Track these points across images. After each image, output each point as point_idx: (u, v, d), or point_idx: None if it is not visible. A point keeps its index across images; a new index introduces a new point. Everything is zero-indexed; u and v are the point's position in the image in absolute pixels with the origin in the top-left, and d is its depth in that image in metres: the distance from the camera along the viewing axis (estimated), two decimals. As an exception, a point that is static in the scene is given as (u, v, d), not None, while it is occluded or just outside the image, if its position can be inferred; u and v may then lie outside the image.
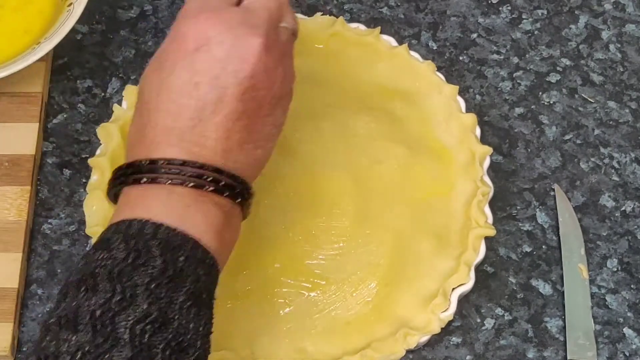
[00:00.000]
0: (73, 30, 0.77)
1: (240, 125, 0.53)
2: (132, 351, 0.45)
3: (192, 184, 0.51)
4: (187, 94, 0.52)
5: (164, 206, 0.51)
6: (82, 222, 0.70)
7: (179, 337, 0.47)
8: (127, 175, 0.53)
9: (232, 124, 0.53)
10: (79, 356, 0.45)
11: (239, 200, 0.53)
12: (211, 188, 0.51)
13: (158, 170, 0.51)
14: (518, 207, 0.72)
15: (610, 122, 0.76)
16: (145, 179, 0.51)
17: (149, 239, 0.49)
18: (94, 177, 0.70)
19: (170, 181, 0.51)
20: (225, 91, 0.52)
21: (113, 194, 0.55)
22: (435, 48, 0.79)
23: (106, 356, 0.45)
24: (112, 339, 0.46)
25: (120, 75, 0.78)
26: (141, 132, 0.54)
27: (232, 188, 0.53)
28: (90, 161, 0.70)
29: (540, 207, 0.72)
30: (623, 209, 0.73)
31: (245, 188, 0.54)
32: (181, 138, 0.52)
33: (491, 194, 0.70)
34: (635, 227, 0.72)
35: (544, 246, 0.71)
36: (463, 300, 0.67)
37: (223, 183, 0.52)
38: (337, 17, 0.77)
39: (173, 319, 0.47)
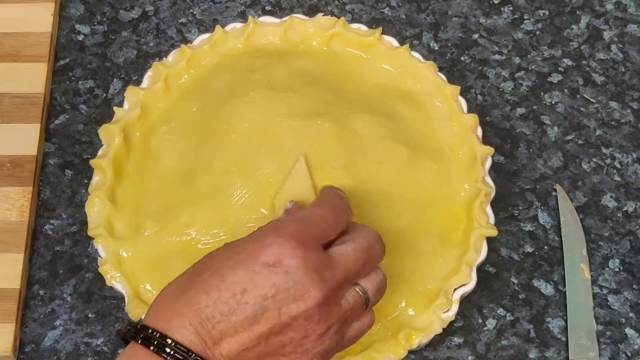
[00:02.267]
0: (75, 31, 0.78)
1: (258, 349, 0.54)
2: None
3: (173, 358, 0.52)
4: (232, 293, 0.53)
5: None
6: (83, 223, 0.70)
7: None
8: (137, 335, 0.54)
9: (251, 343, 0.54)
10: None
11: None
12: None
13: (166, 346, 0.52)
14: (520, 208, 0.72)
15: (612, 123, 0.76)
16: (152, 347, 0.53)
17: None
18: (95, 178, 0.70)
19: (157, 351, 0.52)
20: (264, 314, 0.53)
21: (121, 336, 0.56)
22: (436, 48, 0.79)
23: None
24: None
25: (121, 76, 0.78)
26: (176, 296, 0.55)
27: None
28: (92, 162, 0.70)
29: (542, 207, 0.72)
30: (625, 209, 0.72)
31: None
32: (203, 325, 0.53)
33: (493, 194, 0.70)
34: (637, 227, 0.72)
35: (545, 246, 0.71)
36: (465, 300, 0.67)
37: None
38: (338, 18, 0.77)
39: None
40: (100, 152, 0.71)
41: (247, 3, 0.82)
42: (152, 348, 0.52)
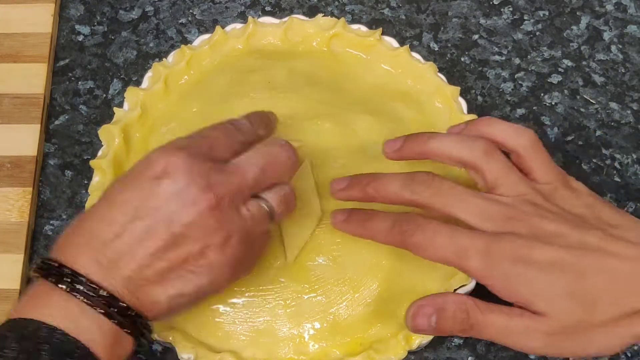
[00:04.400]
0: (74, 32, 0.78)
1: (157, 266, 0.53)
2: None
3: (83, 300, 0.52)
4: (123, 212, 0.53)
5: (64, 310, 0.52)
6: (83, 224, 0.70)
7: None
8: (40, 268, 0.54)
9: (149, 260, 0.53)
10: None
11: (127, 331, 0.53)
12: (101, 310, 0.52)
13: (65, 277, 0.52)
14: (520, 208, 0.72)
15: (612, 124, 0.76)
16: (51, 279, 0.52)
17: (41, 342, 0.49)
18: (95, 178, 0.70)
19: (68, 290, 0.52)
20: (156, 226, 0.53)
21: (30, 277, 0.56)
22: (436, 49, 0.79)
23: None
24: None
25: (121, 76, 0.78)
26: (73, 229, 0.55)
27: (122, 316, 0.53)
28: (92, 163, 0.70)
29: (541, 208, 0.72)
30: (625, 210, 0.72)
31: (138, 322, 0.54)
32: (99, 250, 0.53)
33: (493, 195, 0.70)
34: (637, 228, 0.72)
35: (545, 247, 0.71)
36: (465, 301, 0.67)
37: (114, 310, 0.52)
38: (338, 19, 0.77)
39: None
40: (100, 153, 0.71)
41: (247, 3, 0.82)
42: (51, 279, 0.52)
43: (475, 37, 0.80)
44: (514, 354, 0.67)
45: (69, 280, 0.52)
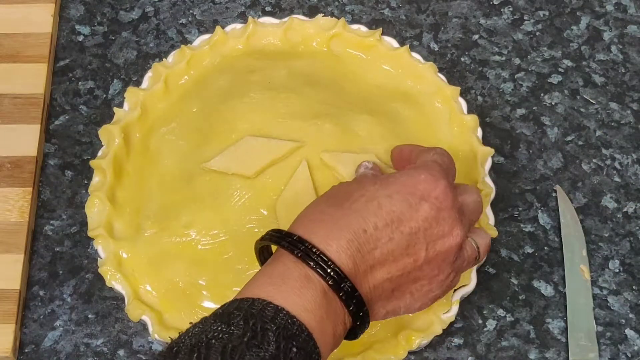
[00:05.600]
0: (75, 32, 0.78)
1: (398, 281, 0.55)
2: None
3: (343, 297, 0.52)
4: (389, 221, 0.54)
5: (297, 291, 0.52)
6: (83, 224, 0.70)
7: None
8: (285, 240, 0.54)
9: (396, 273, 0.55)
10: None
11: (357, 323, 0.55)
12: (351, 309, 0.53)
13: (326, 266, 0.52)
14: (520, 209, 0.72)
15: (612, 124, 0.76)
16: (311, 263, 0.53)
17: (267, 321, 0.50)
18: (95, 178, 0.70)
19: (315, 268, 0.52)
20: (415, 245, 0.55)
21: (260, 248, 0.57)
22: (436, 49, 0.79)
23: None
24: None
25: (121, 76, 0.78)
26: (331, 217, 0.55)
27: (357, 310, 0.54)
28: (92, 163, 0.70)
29: (542, 208, 0.72)
30: (625, 210, 0.72)
31: (365, 327, 0.55)
32: (359, 250, 0.54)
33: (493, 195, 0.70)
34: (637, 228, 0.72)
35: (545, 247, 0.71)
36: (465, 301, 0.67)
37: (352, 303, 0.53)
38: (338, 19, 0.77)
39: None
40: (100, 153, 0.71)
41: (247, 4, 0.82)
42: (310, 264, 0.52)
43: (475, 37, 0.80)
44: (514, 354, 0.67)
45: (332, 273, 0.52)
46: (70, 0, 0.82)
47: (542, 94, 0.77)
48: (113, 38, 0.80)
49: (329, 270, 0.52)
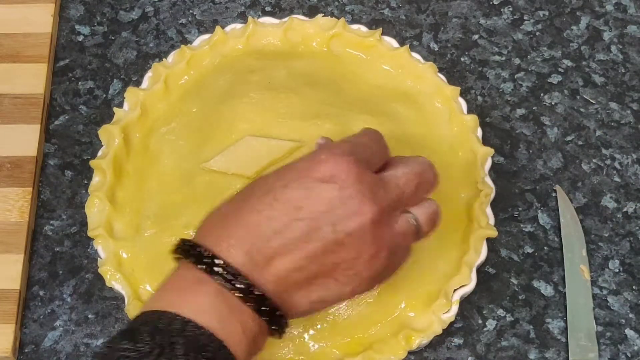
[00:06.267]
0: (74, 32, 0.78)
1: (309, 269, 0.53)
2: None
3: (237, 295, 0.51)
4: (286, 211, 0.52)
5: (212, 306, 0.51)
6: (83, 224, 0.70)
7: None
8: (188, 253, 0.53)
9: (303, 262, 0.53)
10: None
11: (273, 327, 0.53)
12: (253, 307, 0.52)
13: (214, 266, 0.52)
14: (520, 209, 0.72)
15: (612, 124, 0.76)
16: (201, 266, 0.52)
17: (175, 335, 0.49)
18: (95, 178, 0.70)
19: (204, 270, 0.51)
20: (318, 230, 0.52)
21: (174, 255, 0.56)
22: (436, 49, 0.79)
23: None
24: None
25: (121, 76, 0.78)
26: (225, 217, 0.54)
27: (269, 316, 0.53)
28: (91, 163, 0.70)
29: (541, 208, 0.72)
30: (625, 210, 0.72)
31: (282, 322, 0.54)
32: (254, 245, 0.52)
33: (493, 195, 0.70)
34: (637, 228, 0.72)
35: (545, 247, 0.71)
36: (465, 301, 0.67)
37: (265, 308, 0.52)
38: (338, 19, 0.77)
39: None
40: (100, 153, 0.71)
41: (247, 4, 0.82)
42: (201, 267, 0.51)
43: (475, 37, 0.80)
44: (514, 354, 0.67)
45: (221, 272, 0.51)
46: (70, 0, 0.82)
47: (542, 94, 0.77)
48: (113, 38, 0.80)
49: (216, 269, 0.51)
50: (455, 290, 0.66)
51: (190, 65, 0.75)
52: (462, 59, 0.79)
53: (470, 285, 0.66)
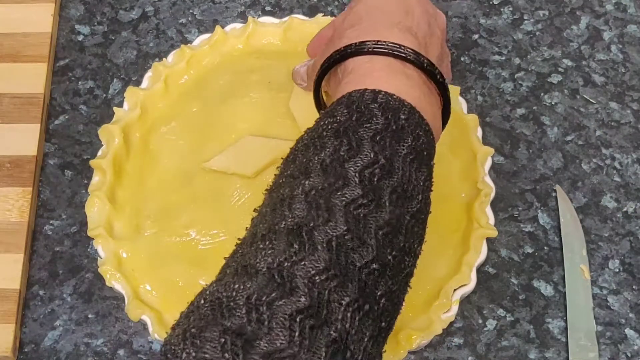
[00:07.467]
0: (74, 32, 0.78)
1: (441, 50, 0.58)
2: (362, 190, 0.48)
3: (413, 60, 0.55)
4: (397, 4, 0.58)
5: (386, 77, 0.54)
6: (83, 224, 0.70)
7: (403, 185, 0.50)
8: (347, 50, 0.56)
9: (437, 43, 0.58)
10: (312, 193, 0.48)
11: (447, 97, 0.57)
12: (427, 67, 0.55)
13: (381, 47, 0.55)
14: (520, 208, 0.72)
15: (612, 123, 0.76)
16: (372, 49, 0.55)
17: (369, 102, 0.52)
18: (95, 178, 0.70)
19: (391, 53, 0.55)
20: (429, 20, 0.58)
21: (320, 79, 0.59)
22: (436, 49, 0.79)
23: (338, 193, 0.48)
24: (343, 179, 0.49)
25: (121, 76, 0.78)
26: (353, 27, 0.57)
27: (441, 81, 0.57)
28: (91, 162, 0.70)
29: (541, 208, 0.72)
30: (625, 209, 0.72)
31: (447, 91, 0.57)
32: (409, 31, 0.56)
33: (493, 195, 0.70)
34: (637, 227, 0.72)
35: (545, 247, 0.71)
36: (465, 301, 0.67)
37: (435, 73, 0.56)
38: (338, 18, 0.77)
39: (397, 168, 0.50)
40: (100, 153, 0.71)
41: (247, 3, 0.82)
42: (385, 51, 0.54)
43: (475, 36, 0.80)
44: (514, 354, 0.67)
45: (399, 52, 0.54)
46: (70, 0, 0.82)
47: (542, 94, 0.77)
48: (113, 38, 0.80)
49: (403, 50, 0.54)
50: (455, 290, 0.66)
51: (190, 65, 0.75)
52: (462, 59, 0.79)
53: (470, 285, 0.66)
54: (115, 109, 0.73)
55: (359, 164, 0.49)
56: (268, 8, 0.81)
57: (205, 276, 0.66)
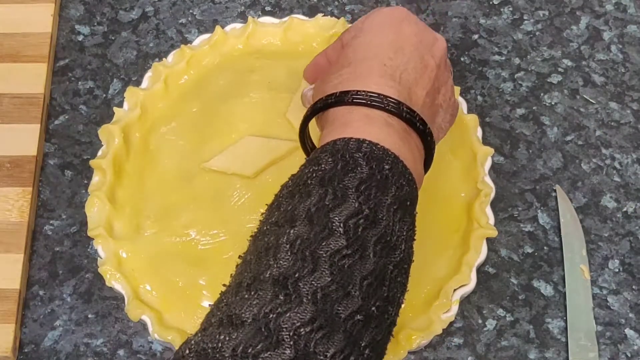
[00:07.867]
0: (74, 32, 0.78)
1: (431, 95, 0.58)
2: (346, 241, 0.49)
3: (392, 110, 0.55)
4: (394, 50, 0.58)
5: (364, 127, 0.54)
6: (83, 224, 0.70)
7: (387, 236, 0.51)
8: (329, 100, 0.56)
9: (429, 84, 0.58)
10: (298, 242, 0.49)
11: (428, 144, 0.57)
12: (407, 116, 0.55)
13: (360, 98, 0.55)
14: (519, 208, 0.72)
15: (612, 123, 0.76)
16: (351, 99, 0.55)
17: (354, 151, 0.53)
18: (95, 178, 0.70)
19: (371, 105, 0.55)
20: (423, 58, 0.58)
21: (304, 126, 0.59)
22: (436, 49, 0.79)
23: (323, 243, 0.49)
24: (328, 229, 0.49)
25: (121, 76, 0.78)
26: (340, 73, 0.58)
27: (423, 128, 0.57)
28: (91, 162, 0.70)
29: (541, 208, 0.72)
30: (625, 209, 0.72)
31: (431, 140, 0.57)
32: (392, 78, 0.56)
33: (492, 195, 0.70)
34: (637, 227, 0.72)
35: (545, 247, 0.71)
36: (465, 301, 0.67)
37: (416, 121, 0.56)
38: (338, 19, 0.77)
39: (381, 218, 0.51)
40: (100, 153, 0.71)
41: (247, 3, 0.82)
42: (365, 102, 0.55)
43: (475, 37, 0.80)
44: (513, 354, 0.67)
45: (384, 104, 0.55)
46: (70, 0, 0.82)
47: (541, 94, 0.77)
48: (113, 38, 0.80)
49: (382, 100, 0.55)
50: (455, 290, 0.66)
51: (190, 65, 0.75)
52: (462, 59, 0.79)
53: (470, 285, 0.66)
54: (115, 109, 0.73)
55: (343, 214, 0.50)
56: (268, 8, 0.81)
57: (205, 276, 0.66)
